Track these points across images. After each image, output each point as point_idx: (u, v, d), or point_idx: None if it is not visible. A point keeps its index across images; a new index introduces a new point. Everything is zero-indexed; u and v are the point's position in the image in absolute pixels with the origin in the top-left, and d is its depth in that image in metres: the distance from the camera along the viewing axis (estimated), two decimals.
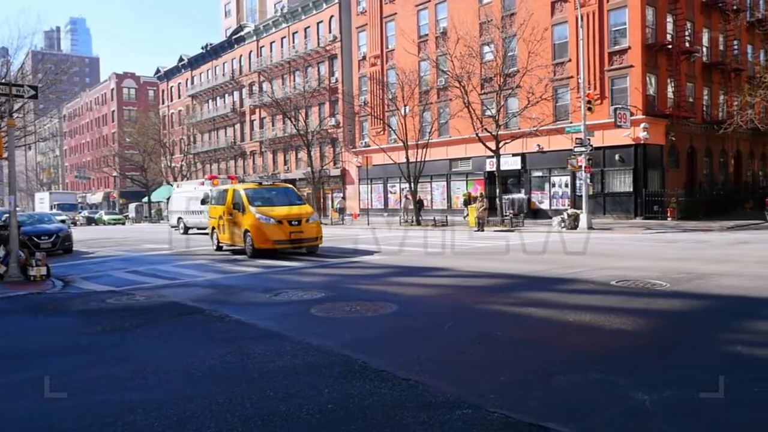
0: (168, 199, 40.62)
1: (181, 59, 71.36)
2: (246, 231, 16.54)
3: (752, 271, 11.08)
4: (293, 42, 53.82)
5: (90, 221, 59.50)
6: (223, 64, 64.08)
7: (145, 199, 69.49)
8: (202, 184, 28.38)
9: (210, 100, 66.73)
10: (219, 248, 19.16)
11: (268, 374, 5.41)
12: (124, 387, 5.28)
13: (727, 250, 15.54)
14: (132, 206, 69.93)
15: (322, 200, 49.28)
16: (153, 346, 6.84)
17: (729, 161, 37.38)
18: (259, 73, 58.01)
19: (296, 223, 16.30)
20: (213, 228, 19.53)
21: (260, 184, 19.01)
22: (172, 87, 74.71)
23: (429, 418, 4.23)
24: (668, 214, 28.32)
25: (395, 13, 43.01)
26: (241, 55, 61.14)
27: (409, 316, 8.15)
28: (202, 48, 66.62)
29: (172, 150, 68.24)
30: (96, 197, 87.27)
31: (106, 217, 60.31)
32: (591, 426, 4.11)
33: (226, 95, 63.89)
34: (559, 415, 4.23)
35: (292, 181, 54.37)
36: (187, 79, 70.93)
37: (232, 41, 62.20)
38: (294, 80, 53.54)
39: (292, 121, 44.00)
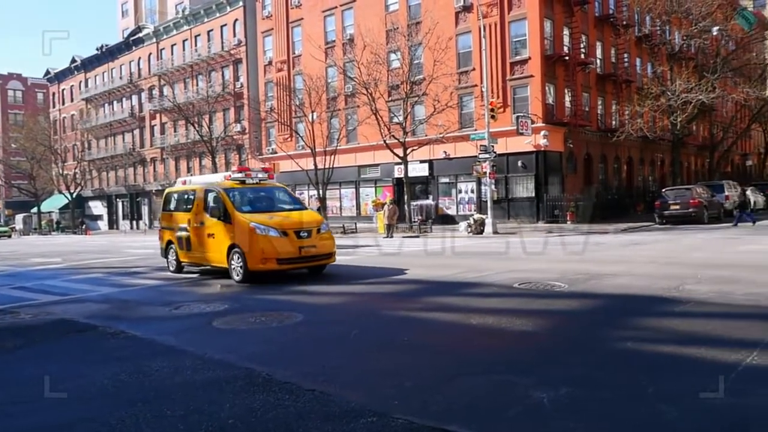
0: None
1: (73, 60, 67.56)
2: (233, 247, 12.26)
3: (643, 270, 11.68)
4: (196, 45, 52.27)
5: None
6: (120, 66, 61.29)
7: (35, 210, 65.17)
8: (228, 178, 21.61)
9: (106, 104, 63.54)
10: (179, 269, 14.61)
11: (166, 392, 5.12)
12: (4, 413, 4.80)
13: (621, 251, 16.37)
14: (19, 217, 65.41)
15: None
16: (38, 368, 6.27)
17: (622, 167, 39.73)
18: (159, 76, 55.83)
19: (305, 234, 12.24)
20: (168, 242, 14.82)
21: (243, 182, 13.99)
22: (63, 90, 70.54)
23: (333, 428, 4.14)
24: (568, 218, 29.66)
25: (302, 19, 42.69)
26: (139, 58, 58.68)
27: (315, 325, 8.01)
28: (97, 49, 63.38)
29: (64, 157, 64.27)
30: None
31: None
32: (492, 426, 4.18)
33: (124, 99, 61.10)
34: (462, 417, 4.29)
35: None
36: (80, 82, 67.19)
37: (130, 43, 59.60)
38: (197, 84, 51.96)
39: (195, 127, 42.75)
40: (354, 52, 35.57)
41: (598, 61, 36.91)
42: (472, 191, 33.93)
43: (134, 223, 60.98)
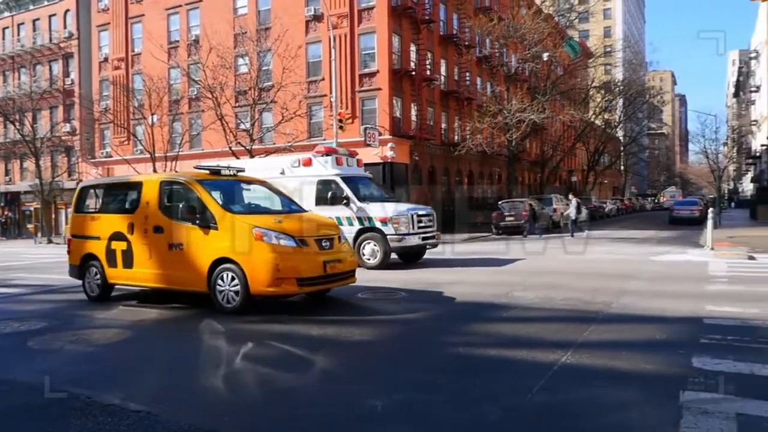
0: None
1: None
2: (221, 261, 8.61)
3: (478, 279, 12.14)
4: (18, 34, 47.29)
5: None
6: None
7: None
8: (308, 163, 15.48)
9: None
10: (106, 294, 10.30)
11: None
12: None
13: (460, 260, 16.90)
14: None
15: (53, 217, 43.84)
16: None
17: (463, 180, 41.70)
18: None
19: (327, 244, 9.04)
20: (87, 257, 10.34)
21: (218, 173, 10.08)
22: None
23: None
24: None
25: (143, 15, 40.16)
26: None
27: (146, 342, 7.42)
28: None
29: None
30: None
31: None
32: None
33: None
34: (293, 430, 4.31)
35: (16, 195, 47.51)
36: None
37: None
38: (19, 78, 46.92)
39: (15, 126, 38.50)
40: (199, 54, 34.08)
41: (443, 78, 38.52)
42: None
43: None
